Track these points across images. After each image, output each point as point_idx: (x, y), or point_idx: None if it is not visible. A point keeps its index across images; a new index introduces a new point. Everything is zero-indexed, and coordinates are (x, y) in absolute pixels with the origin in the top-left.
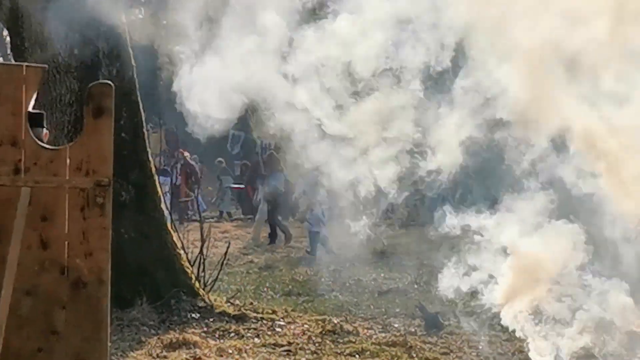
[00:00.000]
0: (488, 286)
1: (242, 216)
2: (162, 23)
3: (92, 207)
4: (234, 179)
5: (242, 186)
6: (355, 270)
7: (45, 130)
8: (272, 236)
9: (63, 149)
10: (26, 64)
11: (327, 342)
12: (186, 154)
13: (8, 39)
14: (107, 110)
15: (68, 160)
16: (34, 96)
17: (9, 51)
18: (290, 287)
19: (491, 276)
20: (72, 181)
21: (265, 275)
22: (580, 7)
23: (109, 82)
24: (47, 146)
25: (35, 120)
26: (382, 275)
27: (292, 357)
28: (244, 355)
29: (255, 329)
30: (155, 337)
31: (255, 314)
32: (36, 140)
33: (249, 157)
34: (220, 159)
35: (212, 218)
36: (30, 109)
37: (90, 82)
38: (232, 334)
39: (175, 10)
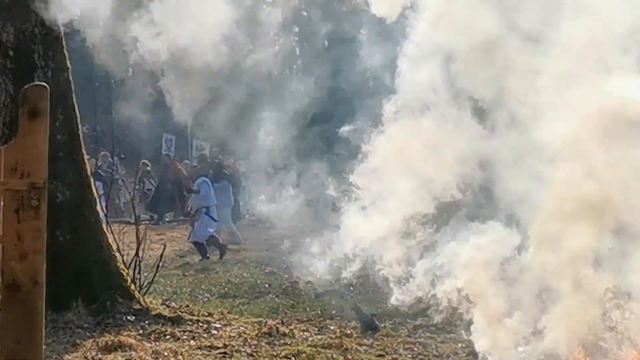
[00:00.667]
0: None
1: (180, 218)
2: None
3: (27, 209)
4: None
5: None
6: (291, 273)
7: None
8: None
9: None
10: None
11: (263, 344)
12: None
13: None
14: (42, 112)
15: (2, 162)
16: None
17: None
18: (226, 289)
19: None
20: (6, 183)
21: (202, 277)
22: None
23: (44, 84)
24: None
25: None
26: (318, 277)
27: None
28: (180, 357)
29: (191, 331)
30: (91, 340)
31: (190, 317)
32: None
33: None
34: (144, 160)
35: (148, 221)
36: None
37: (25, 84)
38: (168, 337)
39: None
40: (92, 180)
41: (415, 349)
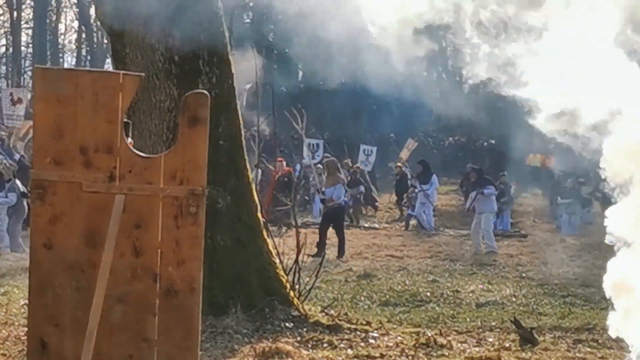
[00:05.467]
0: None
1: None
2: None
3: (185, 216)
4: None
5: None
6: (454, 282)
7: (129, 140)
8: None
9: (157, 158)
10: (123, 72)
11: (421, 355)
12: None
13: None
14: (202, 119)
15: (162, 169)
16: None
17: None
18: (387, 297)
19: None
20: (166, 190)
21: (364, 284)
22: None
23: (205, 91)
24: (142, 154)
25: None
26: (480, 287)
27: None
28: None
29: (348, 339)
30: (248, 346)
31: (349, 325)
32: (131, 148)
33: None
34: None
35: (313, 225)
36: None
37: (189, 90)
38: (325, 345)
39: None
40: (253, 186)
41: None
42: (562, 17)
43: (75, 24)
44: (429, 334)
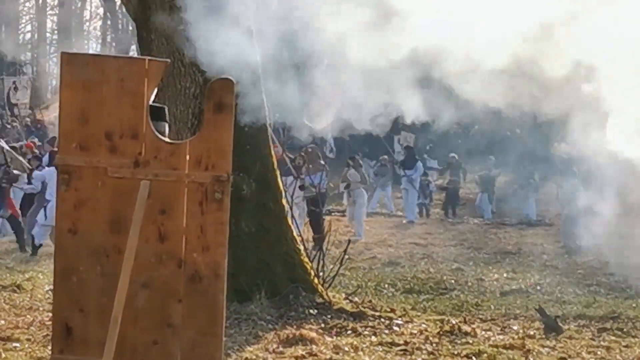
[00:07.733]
0: None
1: (370, 210)
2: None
3: (210, 202)
4: None
5: None
6: (478, 270)
7: (166, 124)
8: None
9: (183, 144)
10: (149, 57)
11: (445, 342)
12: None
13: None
14: (228, 106)
15: (187, 155)
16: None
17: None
18: (411, 284)
19: None
20: (191, 175)
21: (388, 271)
22: None
23: (230, 77)
24: (167, 140)
25: (158, 114)
26: (505, 275)
27: (409, 357)
28: (360, 353)
29: (372, 327)
30: (272, 332)
31: (373, 312)
32: (157, 134)
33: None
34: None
35: (338, 212)
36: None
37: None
38: (349, 332)
39: None
40: (278, 172)
41: (599, 352)
42: None
43: (101, 10)
44: (453, 322)
